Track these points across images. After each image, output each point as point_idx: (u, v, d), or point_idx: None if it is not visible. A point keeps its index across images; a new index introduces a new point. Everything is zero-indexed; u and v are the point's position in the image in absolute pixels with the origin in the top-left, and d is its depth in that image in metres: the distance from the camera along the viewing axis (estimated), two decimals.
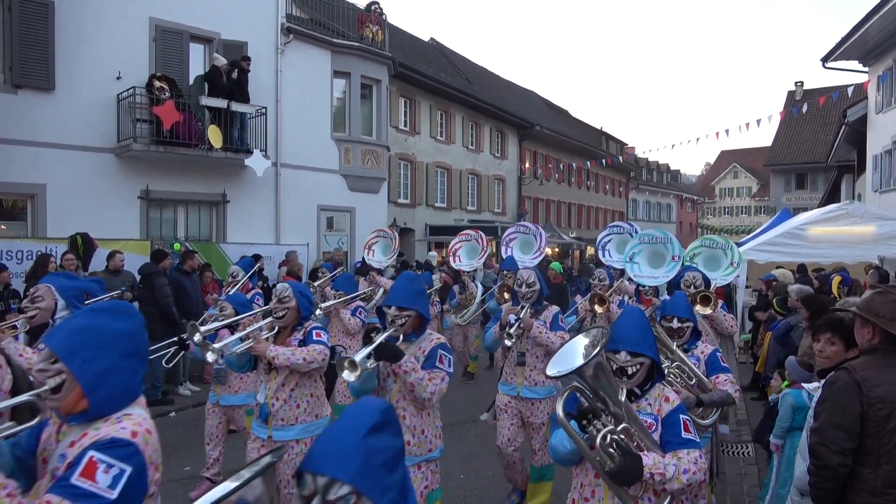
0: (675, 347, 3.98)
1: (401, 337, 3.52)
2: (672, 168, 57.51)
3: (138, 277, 9.07)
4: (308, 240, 14.31)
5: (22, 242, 9.30)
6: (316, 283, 8.15)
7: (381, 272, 9.70)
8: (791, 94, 42.94)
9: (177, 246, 10.79)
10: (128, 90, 11.22)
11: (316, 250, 14.56)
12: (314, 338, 4.22)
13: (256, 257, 11.09)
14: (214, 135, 12.01)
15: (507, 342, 4.95)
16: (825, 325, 3.54)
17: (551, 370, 2.49)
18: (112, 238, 10.16)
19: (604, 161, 30.06)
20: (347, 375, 3.22)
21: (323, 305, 6.81)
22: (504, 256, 8.94)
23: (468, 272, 9.60)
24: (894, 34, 15.19)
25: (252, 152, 12.73)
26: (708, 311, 5.50)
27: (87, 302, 5.20)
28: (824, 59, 17.12)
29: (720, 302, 5.56)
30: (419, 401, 3.47)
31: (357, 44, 15.97)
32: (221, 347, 4.36)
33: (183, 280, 9.25)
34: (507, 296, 6.69)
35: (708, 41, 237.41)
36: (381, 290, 9.42)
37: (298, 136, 14.47)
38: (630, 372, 2.71)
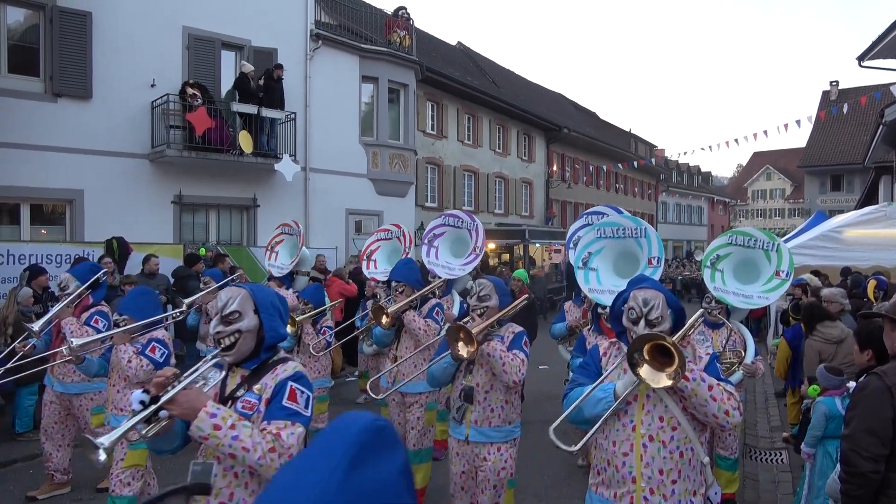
0: None
1: None
2: (703, 170, 56.70)
3: (172, 280, 9.27)
4: (337, 243, 14.47)
5: (60, 246, 9.56)
6: (186, 301, 6.20)
7: (284, 282, 7.28)
8: (826, 94, 41.99)
9: (202, 251, 10.99)
10: (161, 97, 11.49)
11: (344, 254, 14.70)
12: None
13: None
14: (245, 140, 12.22)
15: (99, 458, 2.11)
16: (858, 336, 3.57)
17: None
18: (146, 242, 10.40)
19: (635, 163, 29.80)
20: None
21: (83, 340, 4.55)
22: (426, 259, 6.25)
23: (382, 282, 6.71)
24: None
25: (282, 157, 12.92)
26: (664, 381, 2.47)
27: None
28: (860, 58, 16.69)
29: (709, 353, 2.86)
30: None
31: (385, 49, 16.10)
32: None
33: None
34: (385, 320, 4.98)
35: (737, 41, 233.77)
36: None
37: (327, 141, 14.64)
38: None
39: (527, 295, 4.33)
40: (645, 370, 2.49)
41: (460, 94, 21.64)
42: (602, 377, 2.74)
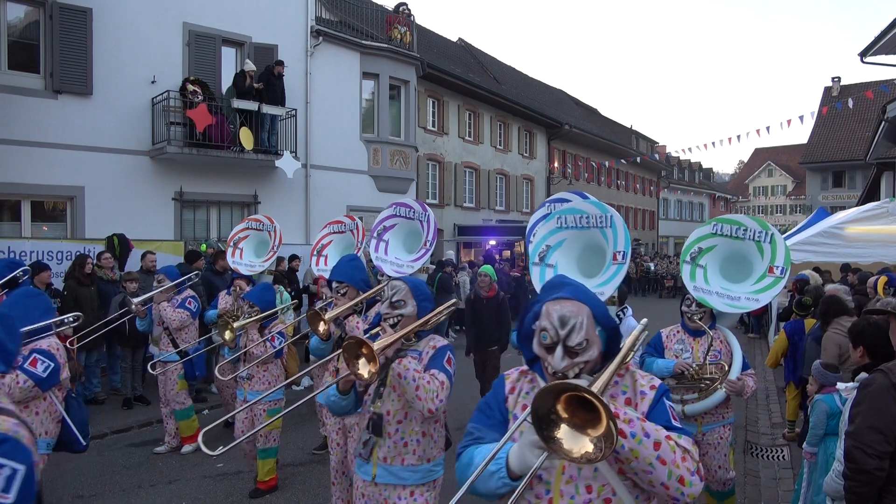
0: None
1: None
2: (704, 166, 56.75)
3: None
4: None
5: (62, 243, 9.57)
6: (136, 300, 6.29)
7: (251, 281, 6.63)
8: (828, 90, 41.93)
9: (203, 247, 10.99)
10: (162, 94, 11.47)
11: None
12: None
13: (292, 258, 11.19)
14: (246, 137, 12.22)
15: None
16: (850, 333, 3.57)
17: None
18: (147, 239, 10.40)
19: (638, 159, 29.82)
20: None
21: None
22: (374, 255, 5.63)
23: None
24: None
25: (282, 154, 12.92)
26: (585, 448, 1.60)
27: None
28: (862, 54, 16.62)
29: (655, 387, 1.99)
30: None
31: (385, 45, 16.08)
32: None
33: (215, 280, 9.41)
34: (322, 328, 4.05)
35: (739, 37, 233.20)
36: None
37: (328, 138, 14.63)
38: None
39: (454, 300, 3.56)
40: (563, 433, 1.60)
41: (461, 90, 21.61)
42: (507, 435, 1.86)
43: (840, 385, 3.69)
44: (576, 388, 1.59)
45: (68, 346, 6.69)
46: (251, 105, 12.27)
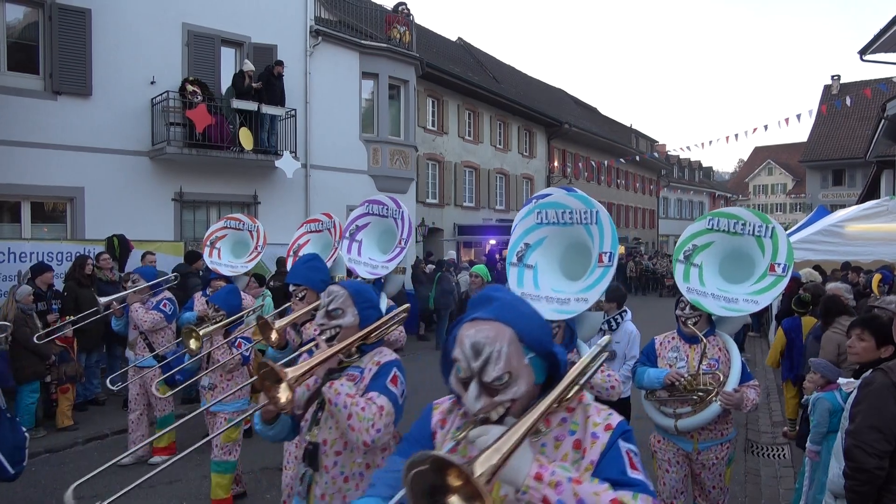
0: None
1: None
2: (704, 165, 56.82)
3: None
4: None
5: (61, 244, 9.55)
6: (103, 301, 6.10)
7: (229, 282, 6.09)
8: (827, 87, 41.92)
9: None
10: (161, 94, 11.47)
11: None
12: None
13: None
14: (245, 137, 12.22)
15: None
16: (856, 322, 3.50)
17: None
18: (147, 239, 10.40)
19: (638, 158, 29.84)
20: None
21: None
22: (347, 256, 5.37)
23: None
24: None
25: (282, 154, 12.92)
26: None
27: None
28: (862, 52, 16.60)
29: (611, 426, 1.54)
30: None
31: (385, 45, 16.08)
32: None
33: None
34: (273, 337, 3.68)
35: (738, 36, 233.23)
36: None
37: (327, 138, 14.64)
38: None
39: (407, 305, 3.13)
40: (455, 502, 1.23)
41: (461, 89, 21.62)
42: None
43: (841, 380, 3.68)
44: (452, 465, 1.20)
45: (67, 346, 6.71)
46: (251, 105, 12.28)
